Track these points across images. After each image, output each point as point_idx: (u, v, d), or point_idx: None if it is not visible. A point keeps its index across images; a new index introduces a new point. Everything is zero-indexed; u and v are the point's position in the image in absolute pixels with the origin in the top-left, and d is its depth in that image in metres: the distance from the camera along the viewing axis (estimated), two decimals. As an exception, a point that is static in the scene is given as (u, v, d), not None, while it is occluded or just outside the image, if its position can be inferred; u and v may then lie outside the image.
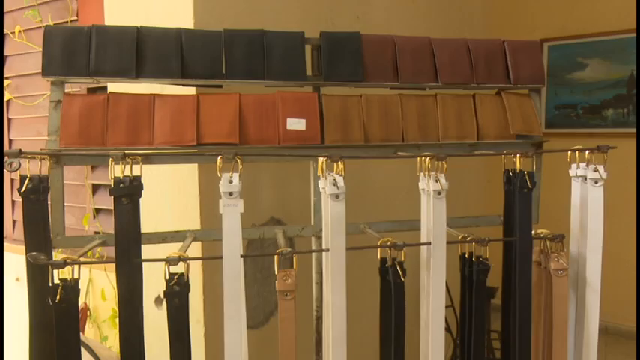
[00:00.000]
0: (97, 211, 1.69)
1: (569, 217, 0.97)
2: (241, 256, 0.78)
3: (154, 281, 1.20)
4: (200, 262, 1.10)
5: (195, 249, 1.09)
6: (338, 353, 0.81)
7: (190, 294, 1.05)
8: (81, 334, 1.57)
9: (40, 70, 0.86)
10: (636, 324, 1.04)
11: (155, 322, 1.13)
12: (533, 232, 0.92)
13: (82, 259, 0.78)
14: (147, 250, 0.81)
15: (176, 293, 0.77)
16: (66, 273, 0.75)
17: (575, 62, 3.52)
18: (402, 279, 0.82)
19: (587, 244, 0.92)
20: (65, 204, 1.79)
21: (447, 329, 2.39)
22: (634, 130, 3.24)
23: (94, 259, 1.66)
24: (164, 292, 0.77)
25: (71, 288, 0.75)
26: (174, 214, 1.11)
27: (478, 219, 1.06)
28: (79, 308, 1.78)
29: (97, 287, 1.77)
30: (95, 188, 1.70)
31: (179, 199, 1.09)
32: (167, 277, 0.77)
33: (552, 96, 3.60)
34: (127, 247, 0.75)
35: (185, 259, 0.77)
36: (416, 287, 0.92)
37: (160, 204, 1.13)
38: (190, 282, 0.84)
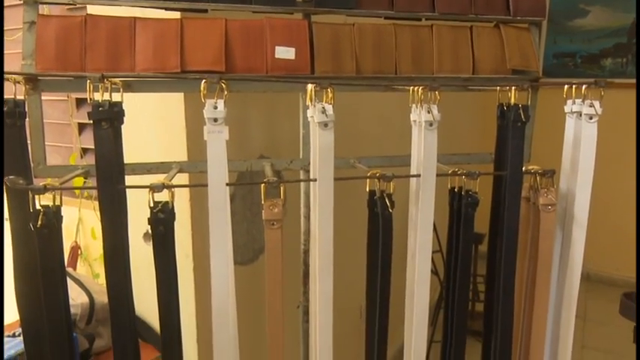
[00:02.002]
0: (84, 150, 1.66)
1: (560, 159, 0.96)
2: (227, 184, 0.77)
3: (142, 218, 1.20)
4: (188, 196, 1.08)
5: (182, 181, 1.07)
6: (325, 283, 0.82)
7: (179, 229, 1.05)
8: (72, 270, 1.58)
9: (19, 2, 0.81)
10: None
11: (144, 258, 1.14)
12: (524, 168, 0.91)
13: (64, 188, 0.76)
14: (132, 182, 0.79)
15: (161, 221, 0.75)
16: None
17: (577, 8, 3.42)
18: (390, 210, 0.81)
19: (577, 180, 0.91)
20: (51, 143, 1.75)
21: (435, 272, 2.44)
22: (632, 81, 3.20)
23: (80, 194, 1.65)
24: (148, 219, 0.76)
25: (53, 214, 0.73)
26: (160, 148, 1.09)
27: (469, 156, 1.05)
28: (71, 247, 1.78)
29: (87, 227, 1.76)
30: (81, 127, 1.66)
31: (165, 131, 1.07)
32: (151, 205, 0.75)
33: (551, 44, 3.52)
34: (109, 174, 0.73)
35: (169, 187, 0.75)
36: (404, 224, 0.92)
37: (145, 137, 1.11)
38: (178, 216, 0.83)
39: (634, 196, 3.35)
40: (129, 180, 0.81)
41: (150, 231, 0.79)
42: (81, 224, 1.77)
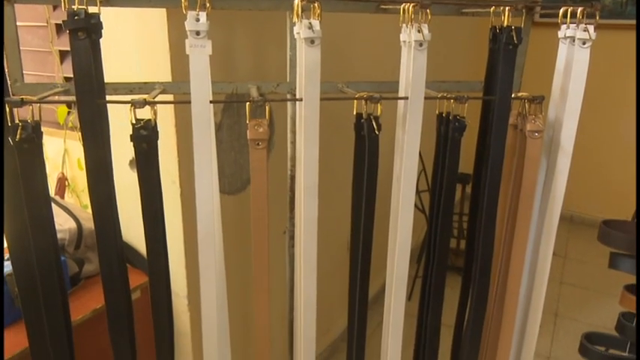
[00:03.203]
0: (66, 79, 1.62)
1: (550, 91, 0.95)
2: (211, 101, 0.75)
3: (126, 144, 1.18)
4: (173, 121, 1.06)
5: (166, 107, 1.05)
6: (310, 203, 0.82)
7: (164, 154, 1.04)
8: (59, 198, 1.58)
9: None
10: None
11: (131, 186, 1.13)
12: (513, 94, 0.90)
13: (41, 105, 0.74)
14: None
15: (143, 138, 0.74)
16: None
17: (579, -57, 3.28)
18: (377, 132, 0.80)
19: (566, 107, 0.90)
20: (32, 72, 1.69)
21: (422, 210, 2.48)
22: (631, 22, 3.13)
23: (64, 124, 1.62)
24: (130, 136, 0.74)
25: (33, 128, 0.72)
26: (144, 69, 1.05)
27: (459, 84, 1.03)
28: (58, 178, 1.77)
29: (73, 158, 1.75)
30: (63, 56, 1.61)
31: (148, 53, 1.03)
32: (133, 122, 0.74)
33: (551, -18, 3.40)
34: (88, 87, 0.71)
35: (151, 103, 0.73)
36: (391, 157, 0.91)
37: (128, 58, 1.07)
38: (163, 142, 0.82)
39: (620, 142, 3.37)
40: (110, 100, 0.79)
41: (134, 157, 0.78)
42: (67, 155, 1.76)
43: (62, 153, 1.76)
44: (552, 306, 2.56)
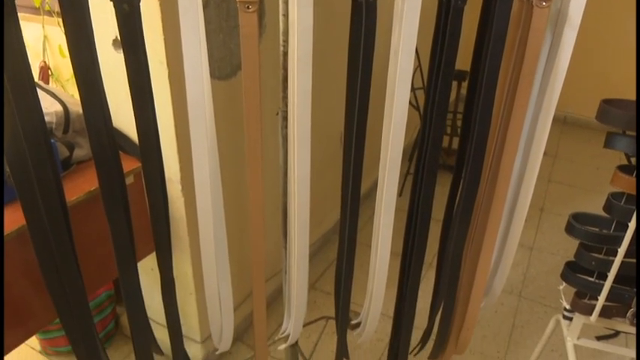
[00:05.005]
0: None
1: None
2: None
3: (109, 23, 1.11)
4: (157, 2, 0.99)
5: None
6: (304, 75, 0.79)
7: (149, 32, 0.98)
8: (42, 83, 1.53)
9: None
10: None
11: (116, 68, 1.08)
12: (522, -40, 0.84)
13: None
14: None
15: (123, -3, 0.69)
16: None
17: None
18: (375, -3, 0.75)
19: (578, -24, 0.84)
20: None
21: (416, 108, 2.45)
22: None
23: (41, 7, 1.52)
24: (110, -5, 0.69)
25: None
26: None
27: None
28: (40, 67, 1.70)
29: (54, 45, 1.66)
30: None
31: None
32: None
33: None
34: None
35: (129, -43, 0.67)
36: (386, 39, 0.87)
37: None
38: (147, 20, 0.76)
39: (618, 43, 3.26)
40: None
41: (119, 36, 0.73)
42: (47, 42, 1.67)
43: (42, 40, 1.67)
44: (539, 202, 2.64)
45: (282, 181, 1.08)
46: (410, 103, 0.93)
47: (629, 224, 0.98)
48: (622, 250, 1.01)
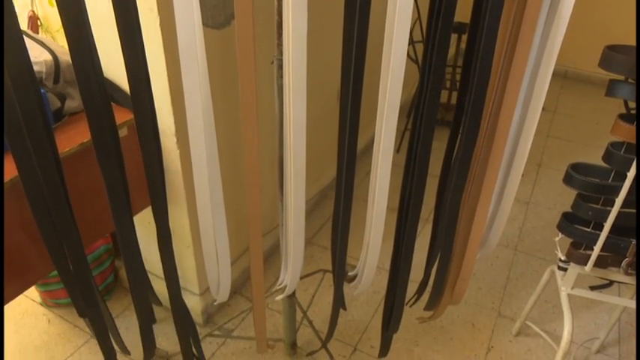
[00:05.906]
0: None
1: None
2: None
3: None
4: None
5: None
6: (299, 16, 0.76)
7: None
8: (31, 32, 1.48)
9: None
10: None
11: (106, 16, 1.04)
12: None
13: None
14: None
15: None
16: None
17: None
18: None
19: None
20: None
21: (415, 61, 2.40)
22: None
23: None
24: None
25: None
26: None
27: None
28: (28, 17, 1.64)
29: (41, -7, 1.60)
30: None
31: None
32: None
33: None
34: None
35: None
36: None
37: None
38: None
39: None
40: None
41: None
42: (33, -10, 1.60)
43: (27, -13, 1.60)
44: (537, 157, 2.63)
45: (278, 133, 1.06)
46: (409, 56, 0.90)
47: (628, 174, 0.97)
48: (619, 200, 1.01)
